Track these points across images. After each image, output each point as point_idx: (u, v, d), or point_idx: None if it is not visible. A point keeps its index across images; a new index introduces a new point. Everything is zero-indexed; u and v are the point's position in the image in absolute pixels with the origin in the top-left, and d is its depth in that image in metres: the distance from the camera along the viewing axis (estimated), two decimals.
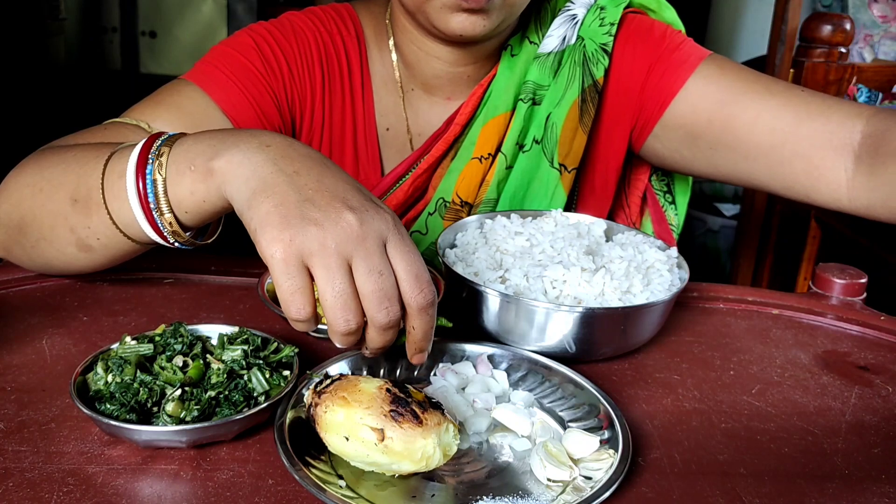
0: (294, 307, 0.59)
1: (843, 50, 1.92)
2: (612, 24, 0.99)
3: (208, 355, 0.66)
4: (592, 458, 0.60)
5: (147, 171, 0.66)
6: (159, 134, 0.69)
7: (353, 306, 0.59)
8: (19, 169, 0.80)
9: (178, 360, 0.64)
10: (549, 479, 0.58)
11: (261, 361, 0.65)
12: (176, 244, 0.70)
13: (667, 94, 0.97)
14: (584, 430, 0.63)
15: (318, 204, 0.59)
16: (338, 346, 0.62)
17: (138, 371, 0.62)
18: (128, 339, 0.65)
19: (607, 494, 0.55)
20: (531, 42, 1.02)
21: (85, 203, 0.71)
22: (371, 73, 1.03)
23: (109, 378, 0.62)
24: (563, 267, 0.76)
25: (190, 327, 0.68)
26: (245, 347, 0.66)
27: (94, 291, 0.85)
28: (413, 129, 1.04)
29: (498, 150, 1.01)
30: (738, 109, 0.93)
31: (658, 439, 0.66)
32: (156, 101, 0.90)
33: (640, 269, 0.78)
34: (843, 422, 0.71)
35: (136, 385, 0.61)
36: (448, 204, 1.01)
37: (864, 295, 0.97)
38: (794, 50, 1.93)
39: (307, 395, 0.59)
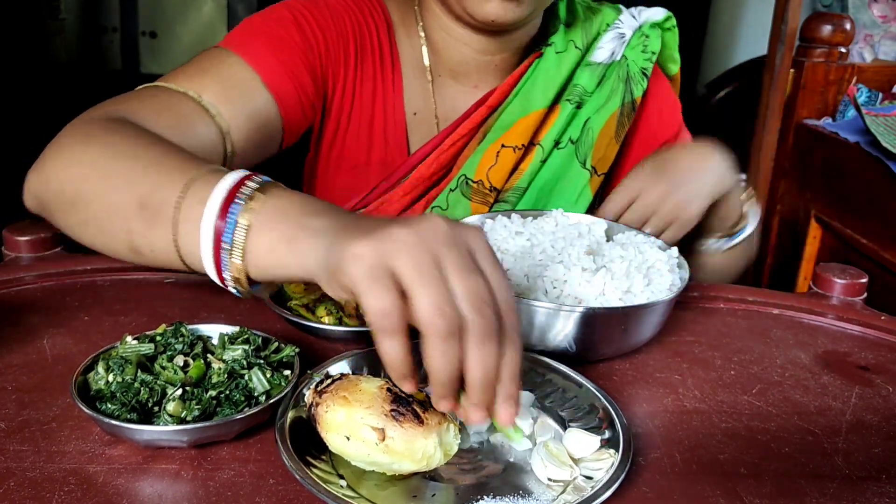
0: (383, 314, 0.51)
1: (843, 50, 1.92)
2: (654, 53, 1.10)
3: (209, 355, 0.66)
4: (593, 457, 0.60)
5: (231, 210, 0.61)
6: (250, 175, 0.64)
7: (451, 303, 0.51)
8: (83, 138, 0.73)
9: (179, 360, 0.64)
10: (549, 479, 0.58)
11: (261, 361, 0.65)
12: (230, 288, 0.64)
13: None
14: (585, 429, 0.63)
15: (405, 219, 0.55)
16: (436, 380, 0.53)
17: (139, 371, 0.62)
18: (129, 338, 0.65)
19: (608, 494, 0.55)
20: (576, 46, 1.06)
21: (153, 214, 0.66)
22: (400, 57, 1.04)
23: (110, 378, 0.62)
24: (564, 267, 0.76)
25: (191, 327, 0.69)
26: (246, 347, 0.66)
27: (94, 291, 0.85)
28: (440, 115, 1.05)
29: (532, 142, 1.04)
30: None
31: (659, 439, 0.66)
32: (201, 70, 0.87)
33: (641, 269, 0.78)
34: (844, 422, 0.71)
35: (136, 385, 0.61)
36: (471, 182, 1.03)
37: (865, 295, 0.97)
38: (794, 50, 1.92)
39: (308, 395, 0.59)
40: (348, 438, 0.55)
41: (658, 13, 1.13)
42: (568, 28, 1.07)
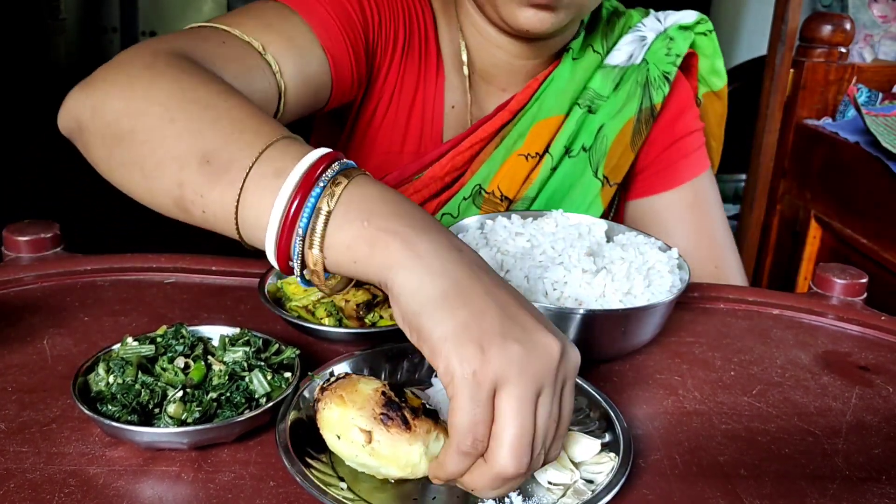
0: (472, 439, 0.50)
1: (843, 50, 1.92)
2: (678, 56, 1.04)
3: (210, 357, 0.66)
4: (593, 461, 0.60)
5: (312, 193, 0.54)
6: (334, 154, 0.57)
7: (530, 450, 0.51)
8: (150, 71, 0.66)
9: (180, 362, 0.64)
10: (549, 483, 0.58)
11: (262, 363, 0.65)
12: (295, 274, 0.58)
13: (650, 188, 1.08)
14: (585, 433, 0.63)
15: (521, 322, 0.51)
16: (473, 490, 0.53)
17: (140, 372, 0.62)
18: (129, 339, 0.65)
19: (608, 498, 0.55)
20: (594, 51, 1.04)
21: (217, 172, 0.58)
22: (442, 49, 1.02)
23: (111, 379, 0.62)
24: (564, 268, 0.76)
25: (191, 328, 0.68)
26: (246, 349, 0.66)
27: (94, 291, 0.85)
28: (473, 113, 1.04)
29: (546, 150, 1.02)
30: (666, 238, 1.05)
31: (658, 441, 0.66)
32: (265, 23, 0.82)
33: (641, 271, 0.78)
34: (844, 422, 0.71)
35: (137, 386, 0.61)
36: (483, 192, 1.02)
37: (865, 295, 0.97)
38: (794, 50, 1.92)
39: (315, 391, 0.59)
40: (339, 437, 0.56)
41: (688, 16, 1.07)
42: (589, 33, 1.04)
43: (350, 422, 0.55)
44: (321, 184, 0.54)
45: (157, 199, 0.63)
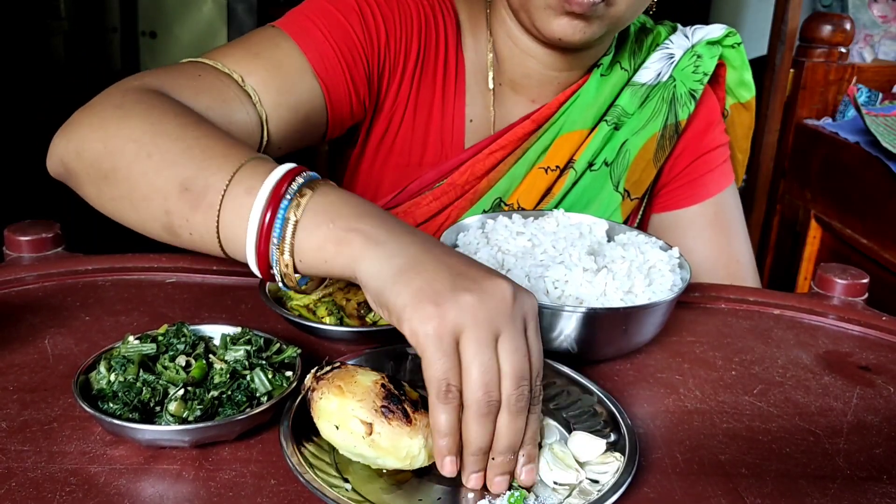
0: (446, 385, 0.54)
1: (843, 50, 1.92)
2: (706, 75, 1.04)
3: (211, 355, 0.66)
4: (599, 461, 0.60)
5: (281, 206, 0.60)
6: (299, 168, 0.63)
7: (497, 383, 0.54)
8: (121, 110, 0.71)
9: (181, 360, 0.64)
10: (555, 483, 0.58)
11: (263, 362, 0.65)
12: (277, 279, 0.63)
13: (675, 202, 1.08)
14: (591, 432, 0.63)
15: (471, 276, 0.56)
16: (471, 449, 0.55)
17: (141, 370, 0.62)
18: (130, 338, 0.65)
19: (614, 498, 0.55)
20: (622, 68, 1.03)
21: (196, 198, 0.64)
22: (465, 61, 1.01)
23: (112, 377, 0.62)
24: (565, 267, 0.76)
25: (192, 327, 0.68)
26: (248, 348, 0.66)
27: (95, 291, 0.85)
28: (497, 126, 1.03)
29: (568, 164, 1.01)
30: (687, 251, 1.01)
31: (660, 440, 0.66)
32: (253, 53, 0.84)
33: (642, 270, 0.78)
34: (845, 422, 0.71)
35: (138, 384, 0.61)
36: (504, 205, 1.01)
37: (866, 295, 0.97)
38: (794, 50, 1.93)
39: (308, 379, 0.59)
40: (337, 428, 0.56)
41: (716, 30, 1.07)
42: (617, 49, 1.04)
43: (350, 413, 0.55)
44: (288, 196, 0.61)
45: (148, 227, 0.69)
